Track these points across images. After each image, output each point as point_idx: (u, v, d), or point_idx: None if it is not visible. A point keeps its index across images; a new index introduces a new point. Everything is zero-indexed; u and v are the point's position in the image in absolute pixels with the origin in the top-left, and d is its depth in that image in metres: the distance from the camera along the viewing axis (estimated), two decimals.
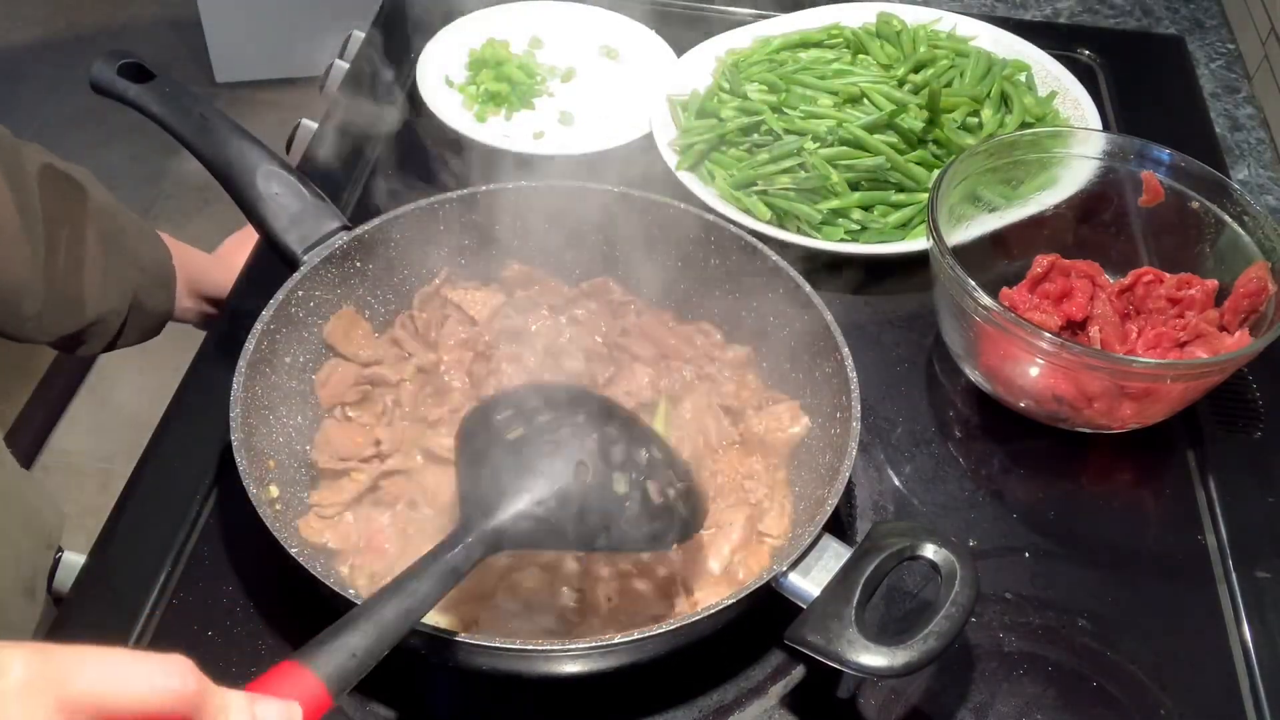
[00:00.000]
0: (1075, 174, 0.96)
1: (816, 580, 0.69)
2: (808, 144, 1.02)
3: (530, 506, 0.64)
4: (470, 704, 0.74)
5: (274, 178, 0.85)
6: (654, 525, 0.68)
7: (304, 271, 0.83)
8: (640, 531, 0.67)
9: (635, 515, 0.67)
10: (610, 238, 0.90)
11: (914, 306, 0.99)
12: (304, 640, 0.74)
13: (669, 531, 0.69)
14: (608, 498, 0.67)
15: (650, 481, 0.69)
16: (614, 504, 0.67)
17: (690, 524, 0.71)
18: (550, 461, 0.66)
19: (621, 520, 0.67)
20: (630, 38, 1.23)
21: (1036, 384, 0.85)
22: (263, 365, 0.79)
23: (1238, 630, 0.79)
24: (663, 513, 0.69)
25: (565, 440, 0.68)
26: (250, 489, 0.70)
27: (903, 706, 0.74)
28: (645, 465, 0.69)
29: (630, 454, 0.69)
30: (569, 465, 0.66)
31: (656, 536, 0.69)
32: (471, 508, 0.64)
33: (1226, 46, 1.34)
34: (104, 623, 0.76)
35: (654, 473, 0.69)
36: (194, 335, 0.94)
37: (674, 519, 0.69)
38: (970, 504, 0.86)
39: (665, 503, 0.69)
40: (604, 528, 0.66)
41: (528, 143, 1.12)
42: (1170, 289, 0.90)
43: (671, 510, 0.69)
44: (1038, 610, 0.79)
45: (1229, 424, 0.91)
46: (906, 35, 1.15)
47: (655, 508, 0.68)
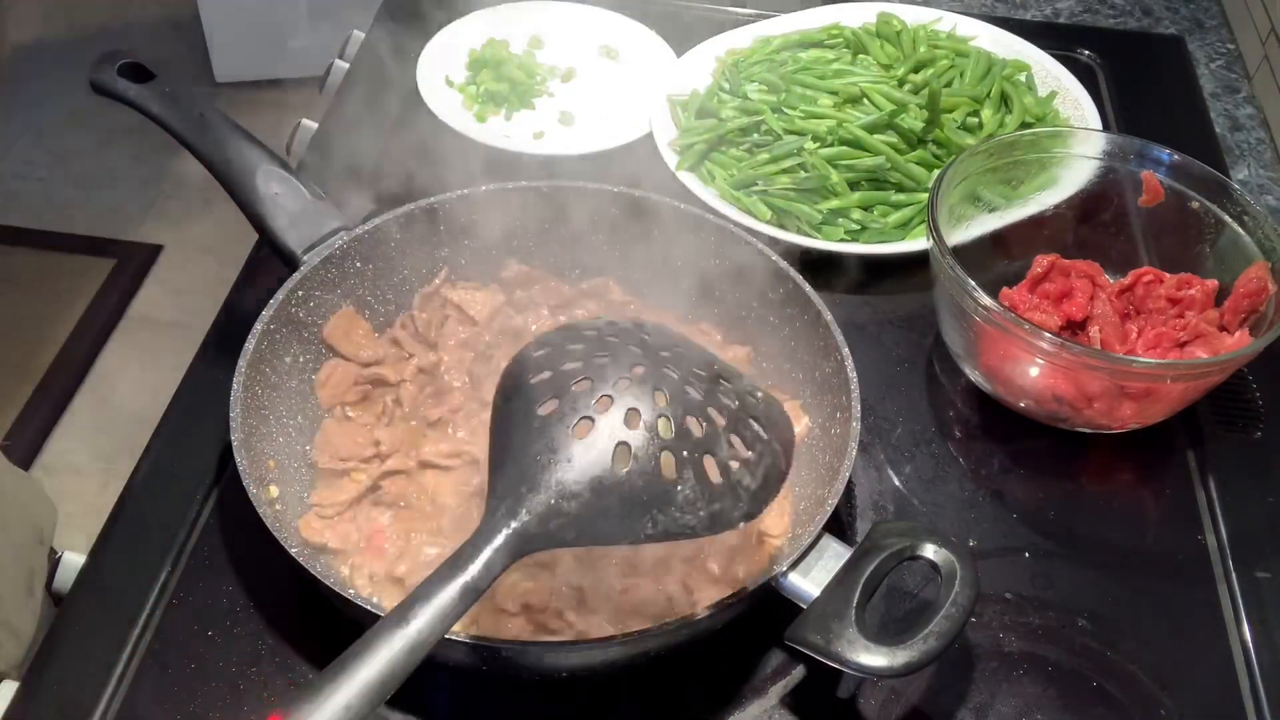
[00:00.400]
0: (1075, 174, 0.96)
1: (816, 580, 0.69)
2: (808, 144, 1.02)
3: (559, 502, 0.58)
4: (470, 703, 0.74)
5: (274, 178, 0.85)
6: (713, 507, 0.60)
7: (304, 271, 0.83)
8: (695, 517, 0.59)
9: (689, 499, 0.59)
10: (610, 238, 0.90)
11: (914, 306, 0.99)
12: (304, 640, 0.75)
13: (734, 509, 0.61)
14: (653, 484, 0.58)
15: (708, 456, 0.60)
16: (661, 490, 0.58)
17: (763, 494, 0.62)
18: (584, 446, 0.58)
19: (671, 507, 0.59)
20: (630, 38, 1.23)
21: (1036, 384, 0.85)
22: (263, 365, 0.79)
23: (1238, 630, 0.79)
24: (725, 491, 0.60)
25: (603, 415, 0.59)
26: (250, 489, 0.70)
27: (903, 706, 0.74)
28: (703, 438, 0.60)
29: (683, 426, 0.60)
30: (607, 449, 0.58)
31: (717, 518, 0.60)
32: (494, 506, 0.59)
33: (1226, 46, 1.34)
34: (104, 623, 0.76)
35: (713, 444, 0.60)
36: (194, 335, 0.94)
37: (739, 496, 0.61)
38: (970, 504, 0.86)
39: (728, 479, 0.60)
40: (650, 517, 0.58)
41: (528, 143, 1.12)
42: (1170, 289, 0.90)
43: (736, 485, 0.60)
44: (1038, 610, 0.79)
45: (1229, 424, 0.91)
46: (906, 35, 1.15)
47: (714, 486, 0.60)
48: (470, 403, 0.85)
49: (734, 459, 0.61)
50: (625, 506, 0.58)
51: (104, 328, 2.35)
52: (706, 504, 0.60)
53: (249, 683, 0.73)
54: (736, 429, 0.62)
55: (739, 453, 0.61)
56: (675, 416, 0.60)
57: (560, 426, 0.59)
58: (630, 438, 0.59)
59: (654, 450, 0.59)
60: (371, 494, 0.80)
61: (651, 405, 0.60)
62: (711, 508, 0.60)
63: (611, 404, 0.60)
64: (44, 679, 0.73)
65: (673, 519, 0.59)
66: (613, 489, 0.58)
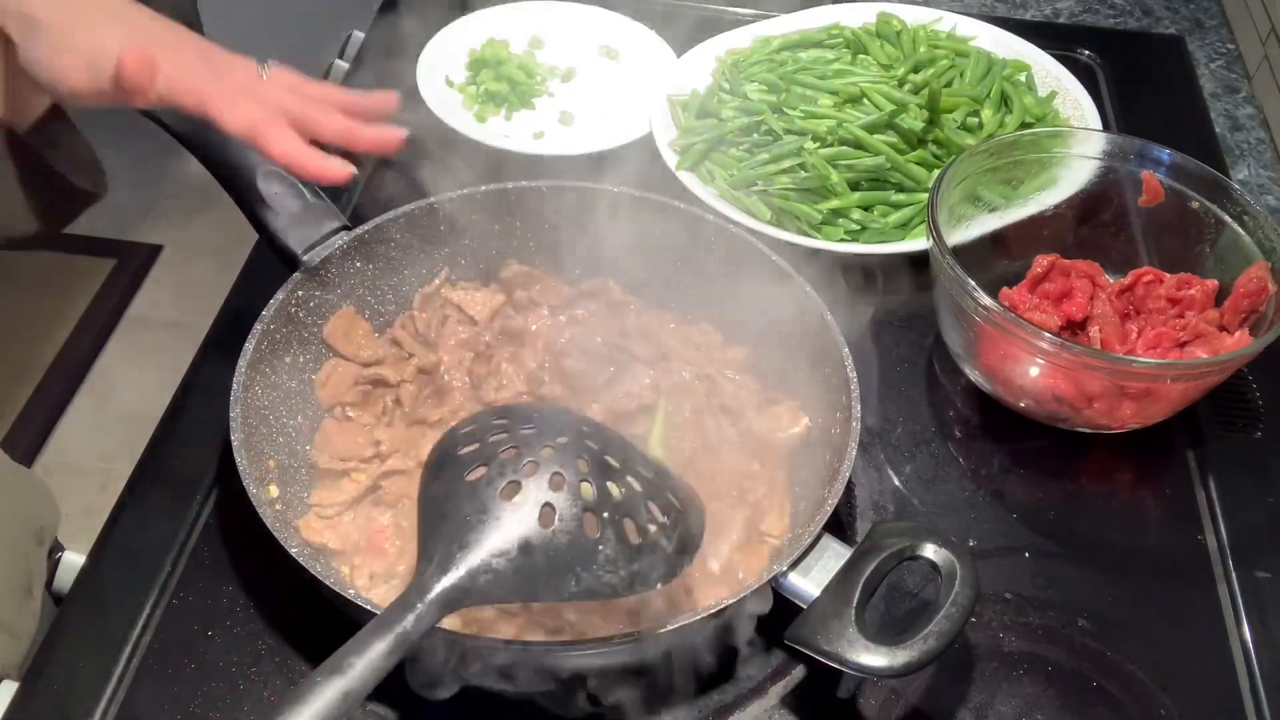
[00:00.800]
0: (1075, 174, 0.96)
1: (816, 580, 0.69)
2: (808, 144, 1.02)
3: (489, 559, 0.60)
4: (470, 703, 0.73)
5: (274, 178, 0.85)
6: (632, 567, 0.62)
7: (304, 271, 0.83)
8: (616, 576, 0.62)
9: (610, 558, 0.62)
10: (610, 238, 0.90)
11: (914, 306, 0.99)
12: (304, 640, 0.75)
13: (652, 570, 0.63)
14: (577, 543, 0.61)
15: (628, 519, 0.63)
16: (585, 549, 0.61)
17: (678, 560, 0.65)
18: (512, 506, 0.61)
19: (594, 566, 0.61)
20: (630, 38, 1.23)
21: (1036, 384, 0.85)
22: (263, 365, 0.79)
23: (1238, 630, 0.79)
24: (643, 551, 0.63)
25: (529, 479, 0.62)
26: (250, 489, 0.70)
27: (903, 706, 0.74)
28: (622, 501, 0.63)
29: (604, 490, 0.63)
30: (533, 510, 0.61)
31: (637, 577, 0.63)
32: (426, 563, 0.61)
33: (1226, 46, 1.34)
34: (104, 623, 0.76)
35: (632, 508, 0.63)
36: (194, 335, 0.94)
37: (657, 556, 0.63)
38: (970, 504, 0.86)
39: (645, 541, 0.63)
40: (574, 575, 0.61)
41: (528, 143, 1.12)
42: (1170, 289, 0.90)
43: (654, 547, 0.63)
44: (1038, 610, 0.79)
45: (1229, 424, 0.91)
46: (906, 35, 1.15)
47: (633, 548, 0.62)
48: (470, 403, 0.85)
49: (651, 523, 0.64)
50: (551, 564, 0.61)
51: (104, 328, 2.35)
52: (627, 564, 0.62)
53: (249, 683, 0.73)
54: (653, 497, 0.65)
55: (656, 517, 0.64)
56: (597, 481, 0.63)
57: (489, 490, 0.62)
58: (555, 499, 0.62)
59: (577, 511, 0.62)
60: (371, 494, 0.80)
61: (575, 470, 0.63)
62: (631, 567, 0.62)
63: (537, 469, 0.63)
64: (44, 679, 0.73)
65: (595, 577, 0.61)
66: (539, 548, 0.61)
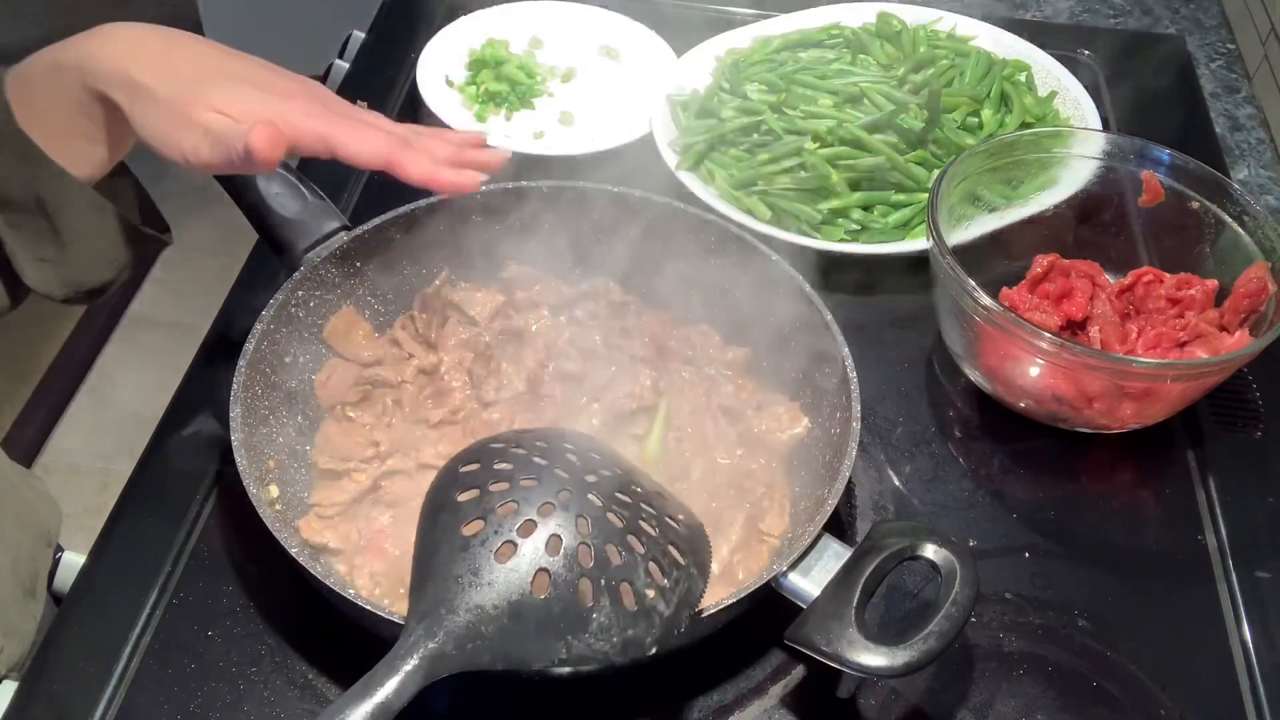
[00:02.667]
0: (1075, 174, 0.96)
1: (816, 580, 0.69)
2: (808, 144, 1.02)
3: (478, 625, 0.58)
4: (470, 703, 0.74)
5: (274, 178, 0.85)
6: (626, 634, 0.60)
7: (304, 271, 0.83)
8: (609, 643, 0.60)
9: (603, 626, 0.60)
10: (610, 238, 0.90)
11: (914, 306, 0.99)
12: (304, 640, 0.75)
13: (646, 636, 0.61)
14: (570, 610, 0.59)
15: (625, 584, 0.61)
16: (578, 617, 0.59)
17: (675, 620, 0.62)
18: (505, 570, 0.59)
19: (586, 634, 0.59)
20: (630, 38, 1.23)
21: (1036, 384, 0.85)
22: (263, 365, 0.79)
23: (1238, 630, 0.79)
24: (639, 618, 0.61)
25: (526, 540, 0.60)
26: (250, 489, 0.70)
27: (903, 706, 0.74)
28: (622, 565, 0.61)
29: (602, 555, 0.61)
30: (527, 575, 0.59)
31: (630, 643, 0.61)
32: (414, 621, 0.59)
33: (1226, 46, 1.34)
34: (104, 623, 0.76)
35: (631, 572, 0.61)
36: (194, 335, 0.94)
37: (653, 622, 0.61)
38: (970, 504, 0.86)
39: (642, 607, 0.61)
40: (564, 643, 0.59)
41: (528, 143, 1.12)
42: (1170, 289, 0.90)
43: (650, 612, 0.61)
44: (1038, 610, 0.79)
45: (1229, 424, 0.91)
46: (906, 35, 1.15)
47: (629, 614, 0.60)
48: (470, 403, 0.85)
49: (650, 587, 0.62)
50: (541, 631, 0.59)
51: (104, 328, 2.35)
52: (620, 631, 0.60)
53: (249, 683, 0.73)
54: (655, 556, 0.63)
55: (656, 580, 0.62)
56: (596, 545, 0.61)
57: (484, 549, 0.60)
58: (550, 564, 0.60)
59: (572, 577, 0.60)
60: (371, 494, 0.80)
61: (574, 532, 0.61)
62: (625, 634, 0.61)
63: (535, 529, 0.61)
64: (44, 679, 0.73)
65: (587, 645, 0.60)
66: (530, 614, 0.59)
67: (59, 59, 0.67)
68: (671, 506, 0.68)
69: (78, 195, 0.69)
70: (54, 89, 0.67)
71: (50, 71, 0.67)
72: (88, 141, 0.69)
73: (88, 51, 0.66)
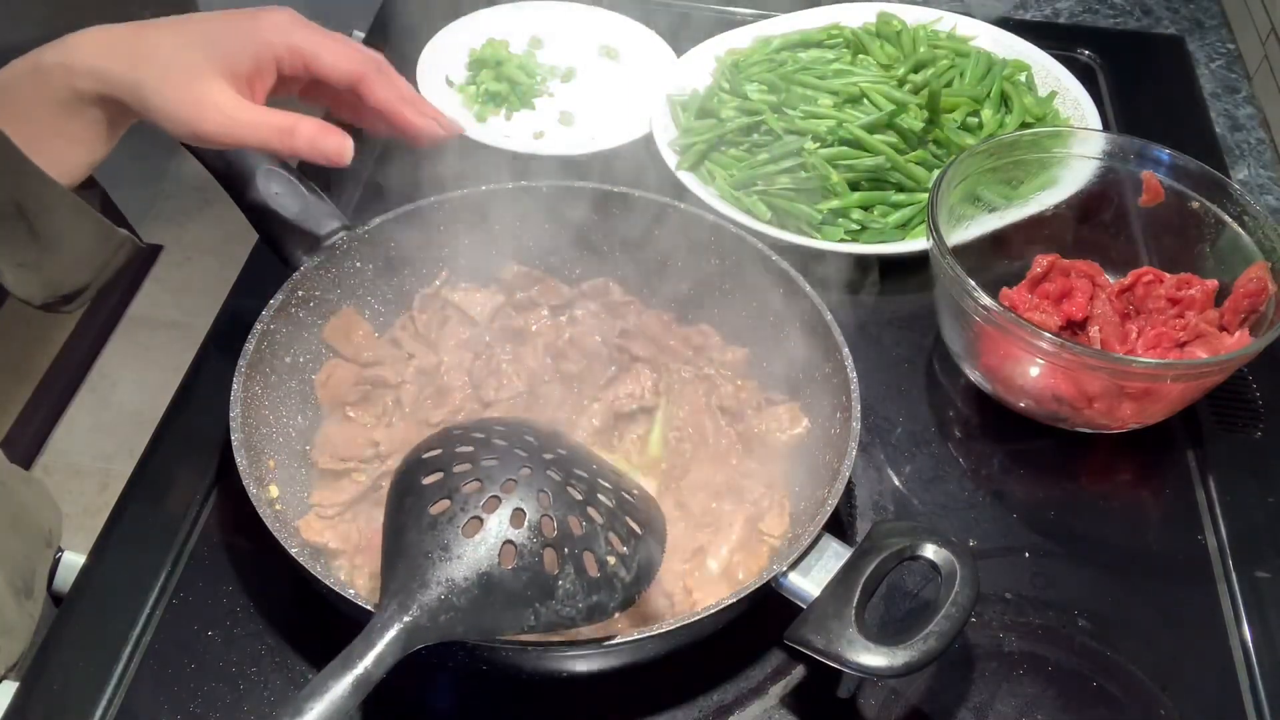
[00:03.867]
0: (1075, 174, 0.96)
1: (816, 580, 0.69)
2: (808, 144, 1.02)
3: (449, 597, 0.60)
4: (469, 703, 0.74)
5: (274, 177, 0.85)
6: (591, 599, 0.63)
7: (304, 271, 0.83)
8: (575, 609, 0.63)
9: (569, 592, 0.63)
10: (610, 238, 0.90)
11: (914, 306, 0.99)
12: (304, 640, 0.75)
13: (610, 601, 0.64)
14: (537, 579, 0.62)
15: (587, 552, 0.64)
16: (544, 584, 0.62)
17: (635, 587, 0.66)
18: (473, 544, 0.61)
19: (553, 600, 0.62)
20: (630, 38, 1.23)
21: (1036, 384, 0.85)
22: (263, 365, 0.79)
23: (1238, 630, 0.79)
24: (602, 584, 0.64)
25: (491, 515, 0.62)
26: (250, 489, 0.70)
27: (903, 706, 0.74)
28: (583, 535, 0.64)
29: (565, 524, 0.63)
30: (494, 547, 0.61)
31: (595, 608, 0.64)
32: (388, 600, 0.61)
33: (1226, 46, 1.34)
34: (104, 623, 0.76)
35: (592, 541, 0.64)
36: (194, 335, 0.94)
37: (615, 588, 0.64)
38: (970, 504, 0.86)
39: (604, 574, 0.64)
40: (533, 610, 0.62)
41: (528, 143, 1.12)
42: (1170, 289, 0.90)
43: (612, 579, 0.64)
44: (1038, 610, 0.79)
45: (1229, 424, 0.91)
46: (906, 35, 1.15)
47: (592, 581, 0.63)
48: (470, 403, 0.85)
49: (611, 554, 0.65)
50: (510, 601, 0.62)
51: (104, 328, 2.35)
52: (585, 596, 0.63)
53: (249, 683, 0.73)
54: (614, 526, 0.66)
55: (615, 548, 0.65)
56: (558, 516, 0.64)
57: (451, 526, 0.62)
58: (516, 536, 0.62)
59: (537, 548, 0.62)
60: (371, 494, 0.80)
61: (536, 505, 0.63)
62: (590, 600, 0.63)
63: (499, 504, 0.63)
64: (44, 679, 0.73)
65: (554, 611, 0.62)
66: (499, 585, 0.61)
67: (40, 62, 0.67)
68: (625, 482, 0.71)
69: (59, 199, 0.69)
70: (36, 92, 0.67)
71: (31, 75, 0.67)
72: (70, 143, 0.69)
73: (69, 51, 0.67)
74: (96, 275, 0.74)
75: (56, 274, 0.72)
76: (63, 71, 0.66)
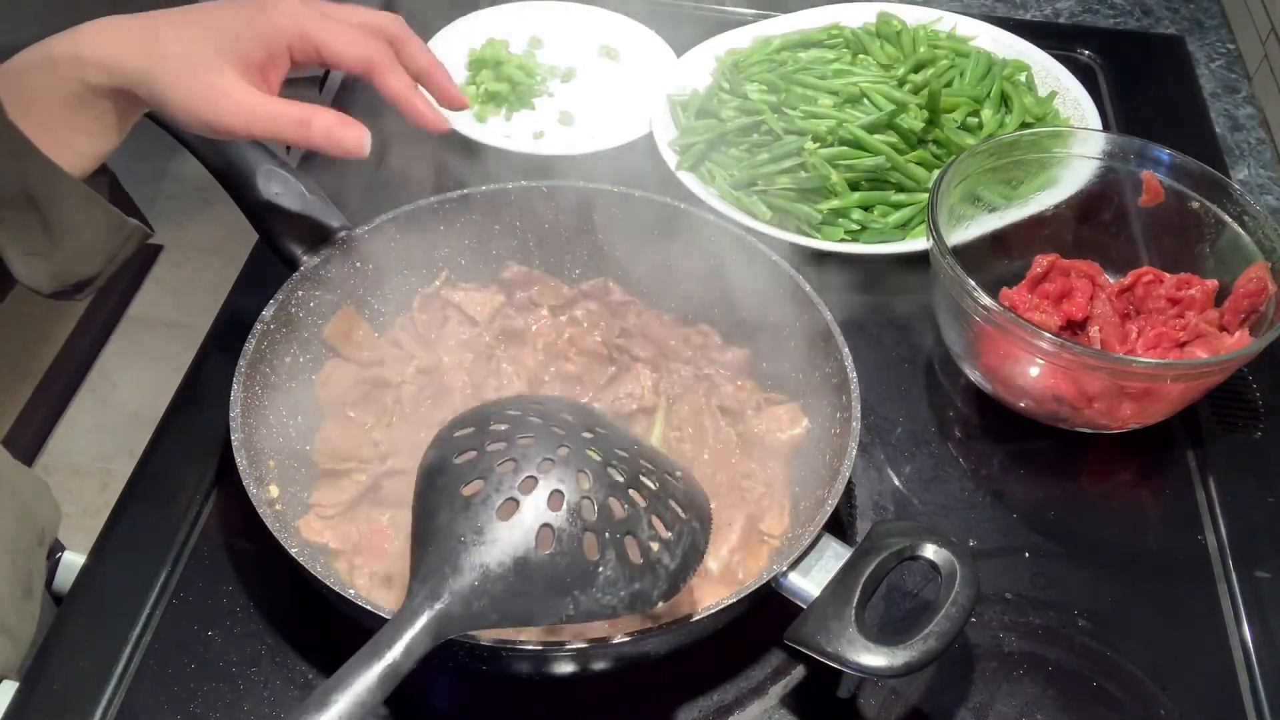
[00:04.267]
0: (1075, 174, 0.96)
1: (816, 580, 0.69)
2: (808, 144, 1.02)
3: (483, 584, 0.58)
4: (469, 703, 0.74)
5: (274, 177, 0.85)
6: (633, 586, 0.60)
7: (304, 271, 0.83)
8: (616, 597, 0.60)
9: (610, 580, 0.59)
10: (610, 238, 0.90)
11: (914, 306, 0.99)
12: (304, 640, 0.75)
13: (653, 589, 0.61)
14: (576, 565, 0.59)
15: (629, 537, 0.60)
16: (584, 571, 0.59)
17: (681, 574, 0.63)
18: (509, 527, 0.59)
19: (593, 588, 0.59)
20: (630, 38, 1.23)
21: (1036, 384, 0.85)
22: (263, 365, 0.79)
23: (1238, 630, 0.79)
24: (645, 570, 0.61)
25: (528, 496, 0.59)
26: (250, 489, 0.70)
27: (903, 706, 0.74)
28: (625, 519, 0.61)
29: (605, 507, 0.60)
30: (530, 531, 0.59)
31: (638, 597, 0.60)
32: (418, 585, 0.58)
33: (1226, 46, 1.34)
34: (104, 623, 0.76)
35: (635, 525, 0.61)
36: (194, 335, 0.94)
37: (659, 575, 0.61)
38: (970, 504, 0.86)
39: (648, 560, 0.61)
40: (571, 598, 0.59)
41: (528, 143, 1.12)
42: (1170, 289, 0.90)
43: (655, 565, 0.61)
44: (1038, 610, 0.79)
45: (1229, 424, 0.91)
46: (906, 35, 1.15)
47: (635, 567, 0.60)
48: (470, 404, 0.85)
49: (654, 539, 0.61)
50: (547, 587, 0.59)
51: (104, 328, 2.35)
52: (627, 584, 0.60)
53: (249, 683, 0.73)
54: (657, 510, 0.63)
55: (659, 533, 0.62)
56: (598, 498, 0.60)
57: (485, 508, 0.59)
58: (554, 519, 0.59)
59: (577, 532, 0.59)
60: (371, 494, 0.80)
61: (575, 487, 0.60)
62: (632, 588, 0.60)
63: (536, 485, 0.60)
64: (44, 679, 0.73)
65: (594, 599, 0.59)
66: (536, 571, 0.58)
67: (50, 52, 0.67)
68: (668, 463, 0.68)
69: (69, 189, 0.69)
70: (46, 83, 0.67)
71: (41, 65, 0.67)
72: (79, 134, 0.69)
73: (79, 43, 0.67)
74: (107, 265, 0.74)
75: (66, 263, 0.72)
76: (73, 63, 0.66)
